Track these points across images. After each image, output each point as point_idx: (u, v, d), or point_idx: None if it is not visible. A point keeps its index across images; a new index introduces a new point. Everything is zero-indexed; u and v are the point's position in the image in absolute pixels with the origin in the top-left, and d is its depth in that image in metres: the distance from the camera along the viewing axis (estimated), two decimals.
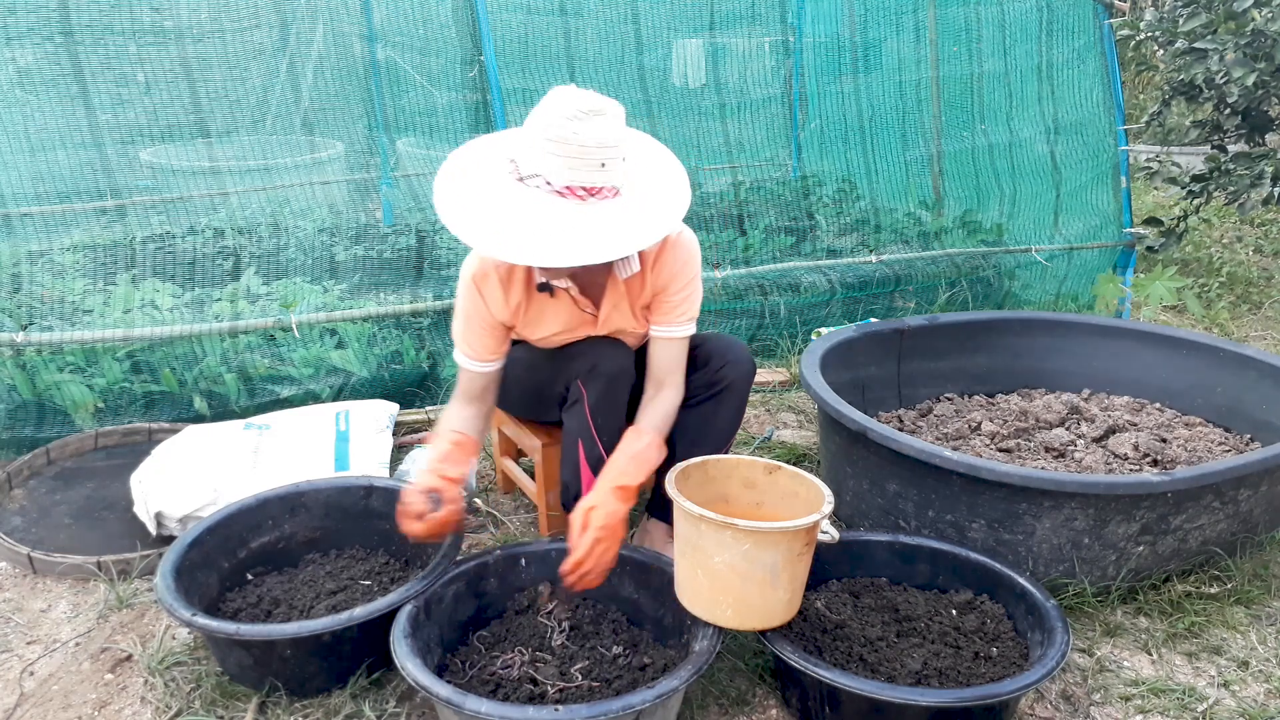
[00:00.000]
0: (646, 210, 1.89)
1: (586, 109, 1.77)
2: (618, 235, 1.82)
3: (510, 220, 1.81)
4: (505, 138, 1.98)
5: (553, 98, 1.80)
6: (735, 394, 2.19)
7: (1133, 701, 1.96)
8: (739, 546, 1.72)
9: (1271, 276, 5.00)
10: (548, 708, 1.58)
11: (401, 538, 2.25)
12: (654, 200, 1.93)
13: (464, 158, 1.97)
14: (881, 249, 4.02)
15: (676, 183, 1.99)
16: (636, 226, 1.86)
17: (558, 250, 1.79)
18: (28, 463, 2.73)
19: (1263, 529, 2.35)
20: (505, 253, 1.81)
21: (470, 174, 1.92)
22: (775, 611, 1.80)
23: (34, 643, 2.13)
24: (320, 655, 1.88)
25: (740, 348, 2.22)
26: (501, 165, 1.90)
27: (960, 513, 2.22)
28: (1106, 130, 4.22)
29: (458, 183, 1.91)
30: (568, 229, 1.80)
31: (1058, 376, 3.13)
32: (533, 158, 1.81)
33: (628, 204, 1.88)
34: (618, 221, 1.84)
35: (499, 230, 1.81)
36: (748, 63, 4.27)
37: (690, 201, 1.99)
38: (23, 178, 3.08)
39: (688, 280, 2.10)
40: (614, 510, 1.89)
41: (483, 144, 2.00)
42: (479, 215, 1.84)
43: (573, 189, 1.80)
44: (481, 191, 1.88)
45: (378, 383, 3.15)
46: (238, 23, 3.31)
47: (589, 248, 1.79)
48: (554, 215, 1.80)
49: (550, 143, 1.77)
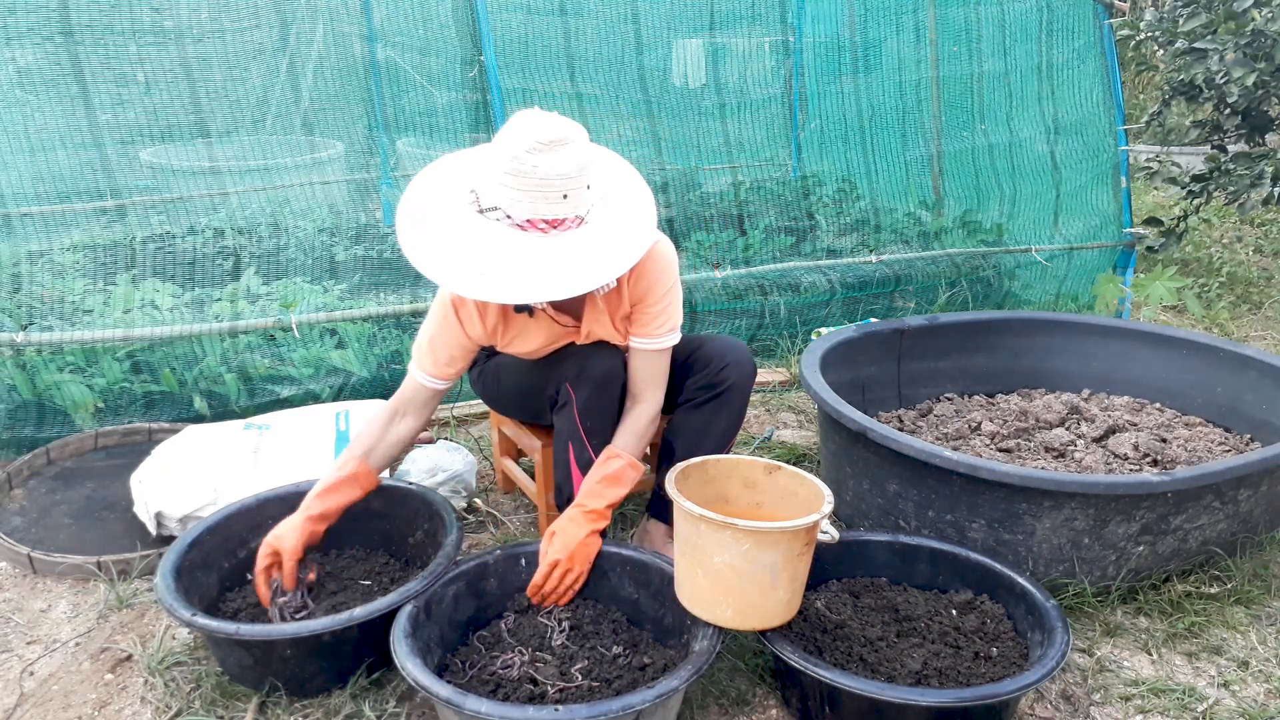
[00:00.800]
0: (613, 238, 1.86)
1: (546, 140, 1.73)
2: (583, 268, 1.79)
3: (474, 256, 1.78)
4: (467, 161, 1.92)
5: (514, 126, 1.76)
6: (736, 395, 2.19)
7: (1133, 701, 1.96)
8: (739, 546, 1.72)
9: (1271, 276, 5.00)
10: (548, 708, 1.58)
11: (402, 537, 2.27)
12: (622, 226, 1.89)
13: (424, 186, 1.92)
14: (881, 249, 4.02)
15: (642, 203, 1.95)
16: (603, 257, 1.82)
17: (523, 287, 1.76)
18: (28, 463, 2.73)
19: (1263, 529, 2.35)
20: (470, 290, 1.77)
21: (431, 205, 1.88)
22: (775, 611, 1.80)
23: (34, 643, 2.13)
24: (320, 655, 1.88)
25: (741, 349, 2.22)
26: (462, 195, 1.86)
27: (960, 513, 2.22)
28: (1106, 130, 4.22)
29: (419, 215, 1.87)
30: (532, 264, 1.76)
31: (1058, 376, 3.13)
32: (492, 190, 1.77)
33: (593, 233, 1.84)
34: (583, 253, 1.80)
35: (463, 267, 1.77)
36: (748, 63, 4.27)
37: (658, 219, 1.95)
38: (23, 178, 3.08)
39: (665, 290, 2.07)
40: (576, 534, 1.94)
41: (444, 169, 1.94)
42: (442, 250, 1.80)
43: (534, 222, 1.77)
44: (444, 224, 1.84)
45: (378, 383, 3.15)
46: (238, 23, 3.31)
47: (554, 283, 1.77)
48: (517, 250, 1.77)
49: (509, 176, 1.74)
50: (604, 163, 1.98)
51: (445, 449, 2.67)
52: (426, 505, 2.23)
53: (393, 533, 2.28)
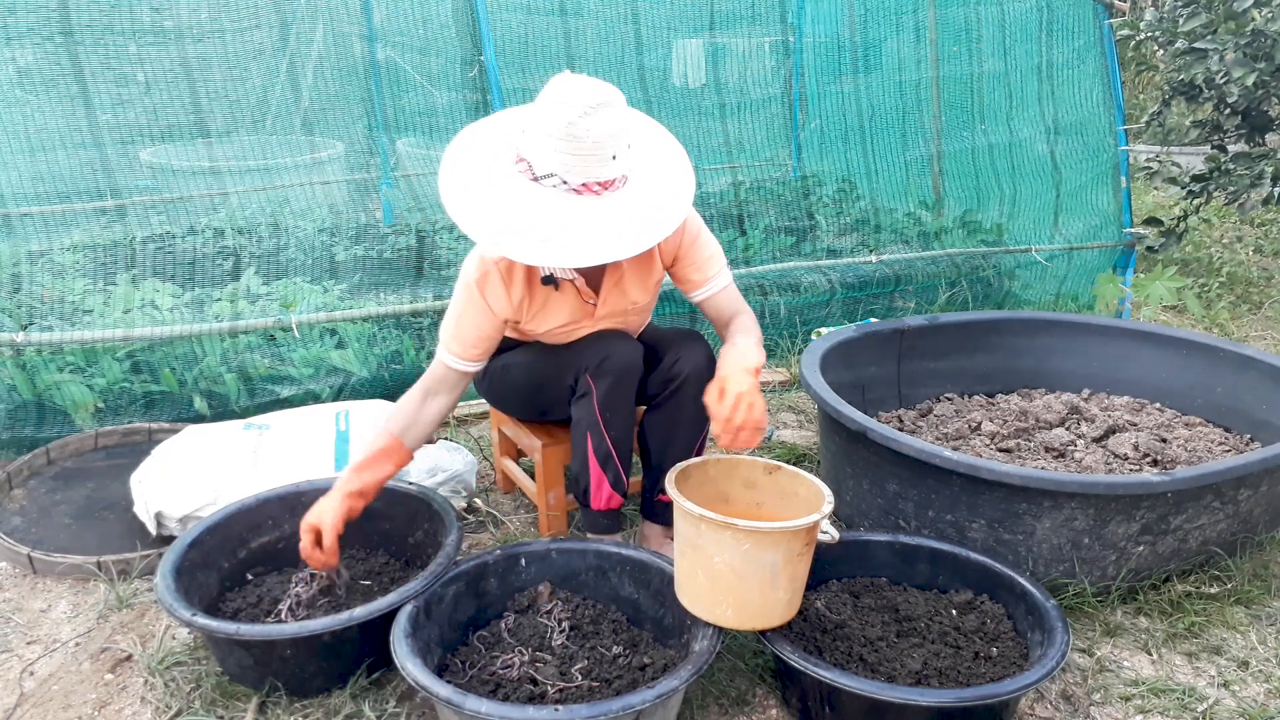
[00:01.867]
0: (662, 191, 1.92)
1: (595, 103, 1.76)
2: (647, 223, 1.85)
3: (534, 224, 1.81)
4: (501, 128, 1.96)
5: (558, 92, 1.79)
6: (692, 387, 2.15)
7: (1133, 701, 1.96)
8: (739, 547, 1.72)
9: (1271, 276, 5.00)
10: (548, 708, 1.58)
11: (402, 537, 2.27)
12: (663, 178, 1.95)
13: (465, 159, 1.94)
14: (881, 249, 4.02)
15: (674, 152, 2.01)
16: (659, 211, 1.88)
17: (591, 249, 1.80)
18: (28, 463, 2.73)
19: (1263, 529, 2.35)
20: (542, 258, 1.81)
21: (477, 179, 1.90)
22: (775, 611, 1.80)
23: (34, 643, 2.13)
24: (320, 655, 1.88)
25: (695, 341, 2.21)
26: (507, 165, 1.88)
27: (960, 513, 2.22)
28: (1106, 130, 4.22)
29: (469, 188, 1.89)
30: (593, 226, 1.81)
31: (1058, 376, 3.13)
32: (545, 158, 1.80)
33: (641, 189, 1.89)
34: (638, 212, 1.86)
35: (527, 235, 1.80)
36: (748, 63, 4.27)
37: (694, 180, 2.00)
38: (23, 178, 3.08)
39: (698, 229, 2.14)
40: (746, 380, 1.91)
41: (479, 139, 1.96)
42: (503, 221, 1.83)
43: (589, 185, 1.81)
44: (499, 196, 1.86)
45: (378, 383, 3.15)
46: (238, 23, 3.31)
47: (619, 243, 1.81)
48: (577, 214, 1.81)
49: (563, 141, 1.77)
50: (638, 123, 2.03)
51: (445, 449, 2.67)
52: (426, 505, 2.23)
53: (393, 533, 2.28)
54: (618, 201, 1.85)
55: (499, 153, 1.92)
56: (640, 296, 2.18)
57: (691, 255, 2.14)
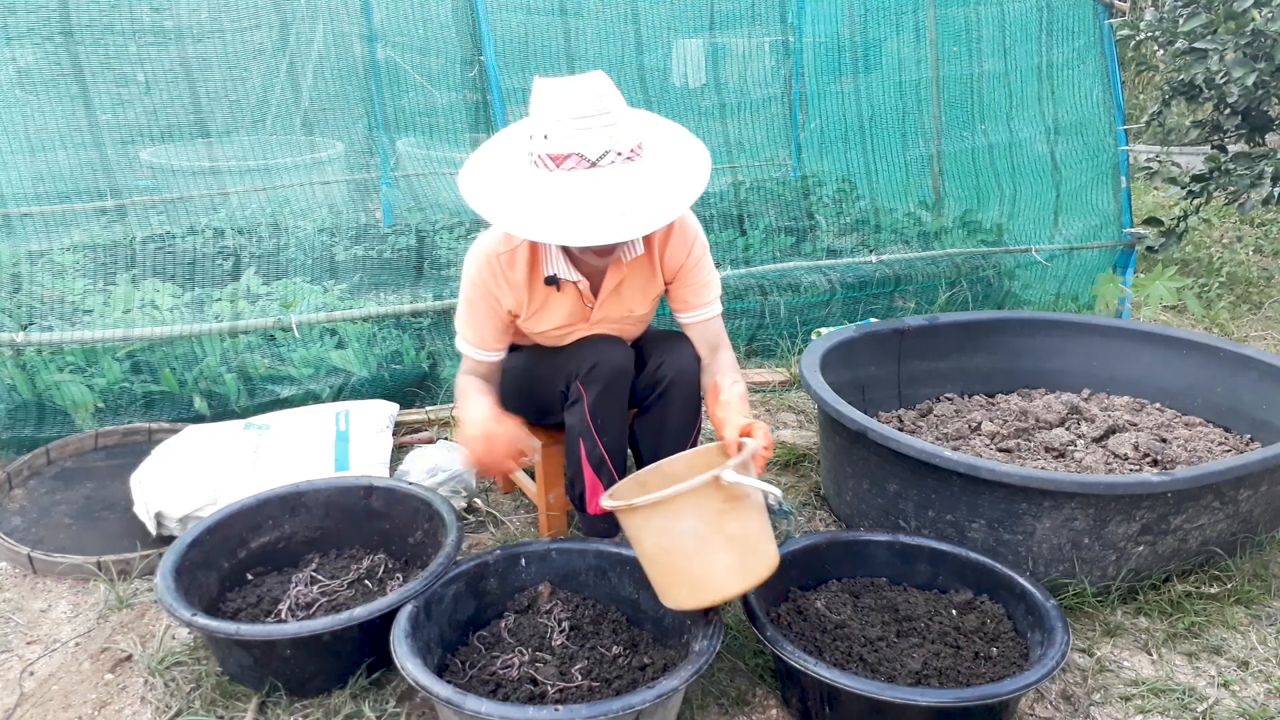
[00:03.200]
0: (679, 160, 1.94)
1: (577, 77, 1.82)
2: (679, 182, 1.88)
3: (576, 205, 1.82)
4: (510, 143, 1.98)
5: (542, 88, 1.82)
6: (679, 389, 2.16)
7: (1133, 701, 1.96)
8: (649, 524, 1.69)
9: (1271, 276, 5.00)
10: (548, 708, 1.58)
11: (402, 537, 2.27)
12: (678, 149, 1.97)
13: (487, 175, 1.95)
14: (881, 249, 4.02)
15: (683, 135, 2.04)
16: (685, 174, 1.91)
17: (639, 217, 1.82)
18: (28, 463, 2.73)
19: (1263, 529, 2.35)
20: (598, 235, 1.80)
21: (506, 183, 1.91)
22: (726, 579, 1.71)
23: (34, 643, 2.13)
24: (320, 655, 1.88)
25: (679, 342, 2.21)
26: (530, 168, 1.88)
27: (960, 513, 2.22)
28: (1106, 130, 4.22)
29: (502, 197, 1.89)
30: (630, 194, 1.83)
31: (1058, 376, 3.13)
32: (559, 142, 1.81)
33: (660, 158, 1.92)
34: (667, 175, 1.89)
35: (566, 217, 1.81)
36: (748, 63, 4.27)
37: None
38: (23, 178, 3.08)
39: (703, 253, 2.16)
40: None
41: (493, 154, 1.98)
42: (548, 213, 1.83)
43: (609, 155, 1.83)
44: (531, 192, 1.86)
45: (378, 383, 3.15)
46: (238, 23, 3.31)
47: (664, 206, 1.84)
48: (610, 187, 1.82)
49: (569, 119, 1.79)
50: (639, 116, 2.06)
51: (445, 449, 2.67)
52: (426, 505, 2.23)
53: (393, 533, 2.28)
54: (656, 159, 1.88)
55: (516, 162, 1.93)
56: (638, 306, 2.19)
57: (693, 276, 2.16)
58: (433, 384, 3.27)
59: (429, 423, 3.10)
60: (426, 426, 3.09)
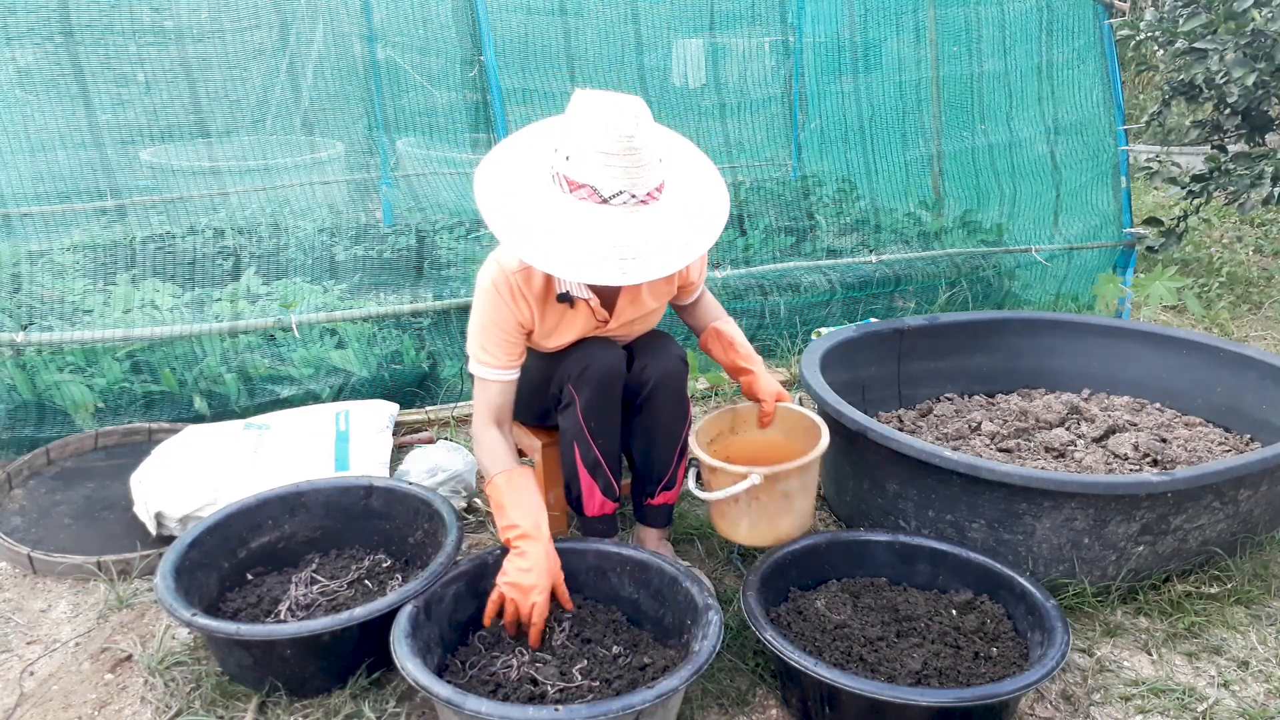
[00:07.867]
0: (697, 188, 1.96)
1: (636, 112, 1.78)
2: (708, 214, 1.91)
3: (577, 238, 1.79)
4: (535, 148, 1.94)
5: (596, 109, 1.77)
6: (665, 389, 2.16)
7: (1133, 701, 1.96)
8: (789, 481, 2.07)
9: (1271, 276, 5.00)
10: (548, 708, 1.58)
11: (402, 537, 2.27)
12: (692, 174, 1.99)
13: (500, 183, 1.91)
14: (881, 249, 4.02)
15: (689, 148, 2.05)
16: (709, 206, 1.94)
17: (676, 253, 1.83)
18: (28, 463, 2.73)
19: (1263, 529, 2.35)
20: (643, 273, 1.79)
21: (516, 187, 1.88)
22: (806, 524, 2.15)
23: (34, 643, 2.13)
24: (320, 655, 1.88)
25: (663, 342, 2.20)
26: (561, 195, 1.84)
27: (960, 513, 2.22)
28: (1106, 130, 4.22)
29: (508, 205, 1.86)
30: (668, 232, 1.83)
31: (1058, 376, 3.13)
32: (610, 178, 1.78)
33: (682, 189, 1.92)
34: (693, 208, 1.90)
35: (564, 248, 1.79)
36: (748, 63, 4.27)
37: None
38: (23, 178, 3.08)
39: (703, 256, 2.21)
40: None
41: (512, 171, 1.92)
42: (541, 235, 1.81)
43: (651, 194, 1.83)
44: (537, 206, 1.84)
45: (378, 383, 3.15)
46: (238, 23, 3.31)
47: (696, 240, 1.87)
48: (652, 224, 1.82)
49: (621, 157, 1.76)
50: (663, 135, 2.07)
51: (445, 449, 2.67)
52: (426, 505, 2.23)
53: (393, 533, 2.28)
54: (672, 204, 1.87)
55: (535, 170, 1.89)
56: (654, 302, 2.18)
57: (697, 265, 2.24)
58: (433, 384, 3.27)
59: (429, 423, 3.10)
60: (426, 426, 3.09)
